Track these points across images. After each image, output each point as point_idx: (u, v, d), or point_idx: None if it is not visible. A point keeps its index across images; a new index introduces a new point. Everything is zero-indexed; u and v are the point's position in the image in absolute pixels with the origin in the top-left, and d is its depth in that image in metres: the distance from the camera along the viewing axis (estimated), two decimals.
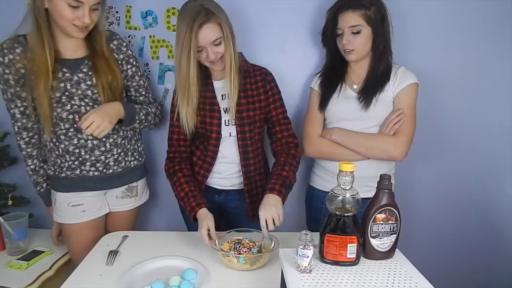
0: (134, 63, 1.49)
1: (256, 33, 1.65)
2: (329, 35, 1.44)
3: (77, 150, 1.38)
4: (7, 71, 1.29)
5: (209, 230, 1.25)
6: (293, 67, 1.69)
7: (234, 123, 1.39)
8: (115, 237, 1.40)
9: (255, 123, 1.41)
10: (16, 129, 1.39)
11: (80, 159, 1.39)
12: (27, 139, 1.41)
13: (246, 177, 1.44)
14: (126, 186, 1.52)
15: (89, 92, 1.35)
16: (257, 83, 1.41)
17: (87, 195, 1.45)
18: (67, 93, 1.33)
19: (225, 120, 1.40)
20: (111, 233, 1.48)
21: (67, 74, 1.32)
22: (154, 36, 1.68)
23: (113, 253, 1.28)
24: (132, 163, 1.51)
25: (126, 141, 1.47)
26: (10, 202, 1.72)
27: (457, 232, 1.85)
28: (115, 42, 1.42)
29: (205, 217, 1.28)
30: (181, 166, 1.44)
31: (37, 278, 1.42)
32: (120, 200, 1.53)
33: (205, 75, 1.40)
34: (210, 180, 1.47)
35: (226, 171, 1.45)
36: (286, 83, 1.66)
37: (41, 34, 1.25)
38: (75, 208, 1.43)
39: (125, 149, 1.47)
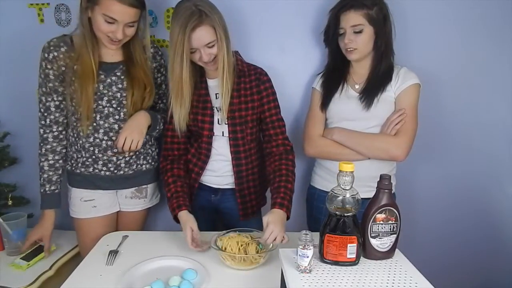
0: (164, 72, 1.54)
1: (258, 33, 1.65)
2: (331, 35, 1.44)
3: (91, 148, 1.43)
4: (49, 66, 1.36)
5: (193, 231, 1.27)
6: (295, 67, 1.69)
7: (226, 123, 1.40)
8: (115, 237, 1.41)
9: (247, 123, 1.41)
10: (48, 122, 1.42)
11: (94, 156, 1.45)
12: (56, 133, 1.45)
13: (238, 176, 1.44)
14: (136, 187, 1.55)
15: (118, 95, 1.41)
16: (251, 82, 1.41)
17: (98, 192, 1.50)
18: (98, 93, 1.39)
19: (217, 119, 1.41)
20: (111, 233, 1.48)
21: (102, 76, 1.39)
22: (154, 36, 1.68)
23: (113, 253, 1.28)
24: (144, 166, 1.54)
25: None
26: (10, 202, 1.72)
27: (457, 232, 1.85)
28: (152, 51, 1.47)
29: (187, 220, 1.29)
30: (173, 165, 1.44)
31: (37, 278, 1.42)
32: (130, 200, 1.56)
33: (199, 73, 1.40)
34: (206, 178, 1.48)
35: (220, 169, 1.46)
36: (288, 83, 1.66)
37: (85, 40, 1.33)
38: (87, 203, 1.49)
39: (137, 153, 1.50)
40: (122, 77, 1.40)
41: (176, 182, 1.39)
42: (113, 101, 1.40)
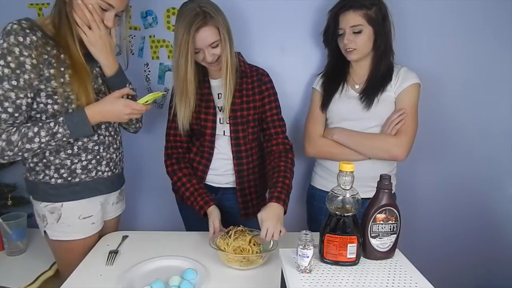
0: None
1: (258, 34, 1.66)
2: (331, 35, 1.44)
3: (96, 147, 1.30)
4: (25, 53, 1.10)
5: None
6: (295, 68, 1.69)
7: (228, 122, 1.41)
8: (115, 237, 1.40)
9: (249, 122, 1.42)
10: (17, 124, 1.13)
11: (98, 157, 1.31)
12: None
13: (239, 175, 1.46)
14: (120, 188, 1.48)
15: (102, 88, 1.31)
16: (253, 83, 1.42)
17: (95, 204, 1.35)
18: None
19: (219, 118, 1.42)
20: (111, 233, 1.47)
21: (88, 68, 1.25)
22: (154, 36, 1.68)
23: (113, 253, 1.28)
24: (123, 163, 1.49)
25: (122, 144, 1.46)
26: (10, 202, 1.72)
27: (457, 231, 1.85)
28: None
29: (211, 214, 1.34)
30: (180, 165, 1.45)
31: (37, 278, 1.42)
32: (115, 206, 1.47)
33: (202, 73, 1.42)
34: (207, 177, 1.49)
35: (221, 168, 1.47)
36: (288, 84, 1.66)
37: (71, 29, 1.17)
38: (86, 220, 1.32)
39: (121, 150, 1.45)
40: None
41: (191, 181, 1.42)
42: (101, 94, 1.29)
